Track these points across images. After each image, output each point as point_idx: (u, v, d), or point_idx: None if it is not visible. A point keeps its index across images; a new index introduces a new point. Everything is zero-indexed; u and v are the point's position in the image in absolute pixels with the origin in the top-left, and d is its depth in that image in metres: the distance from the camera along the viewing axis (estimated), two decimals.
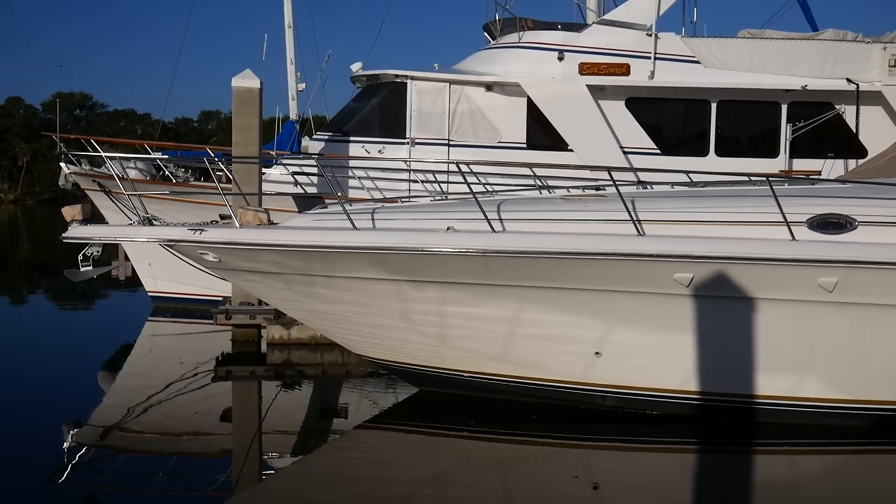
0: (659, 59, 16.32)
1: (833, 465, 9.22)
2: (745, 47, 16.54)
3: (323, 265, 9.71)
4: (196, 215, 14.46)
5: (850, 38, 17.02)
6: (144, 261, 17.50)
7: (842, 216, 9.04)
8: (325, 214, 10.43)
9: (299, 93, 22.13)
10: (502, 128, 16.67)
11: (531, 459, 9.14)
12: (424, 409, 10.84)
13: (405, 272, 9.55)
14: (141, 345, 15.17)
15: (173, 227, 9.97)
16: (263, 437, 9.95)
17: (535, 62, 16.50)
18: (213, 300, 15.29)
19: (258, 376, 12.82)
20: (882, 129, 16.27)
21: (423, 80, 16.73)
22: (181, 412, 10.61)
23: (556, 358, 9.87)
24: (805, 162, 16.73)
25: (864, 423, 9.48)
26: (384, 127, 16.80)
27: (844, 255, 8.75)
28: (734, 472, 8.98)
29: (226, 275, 11.05)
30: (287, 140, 20.13)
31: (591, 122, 16.38)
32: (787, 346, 9.25)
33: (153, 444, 9.44)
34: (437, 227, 9.48)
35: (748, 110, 16.94)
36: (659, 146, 16.63)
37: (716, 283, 8.96)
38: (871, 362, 9.22)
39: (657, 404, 9.87)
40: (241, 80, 14.71)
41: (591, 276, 9.14)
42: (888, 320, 9.01)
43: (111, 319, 18.51)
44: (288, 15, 21.49)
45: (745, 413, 9.64)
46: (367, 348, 10.94)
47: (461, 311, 9.80)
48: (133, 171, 16.61)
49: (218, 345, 14.17)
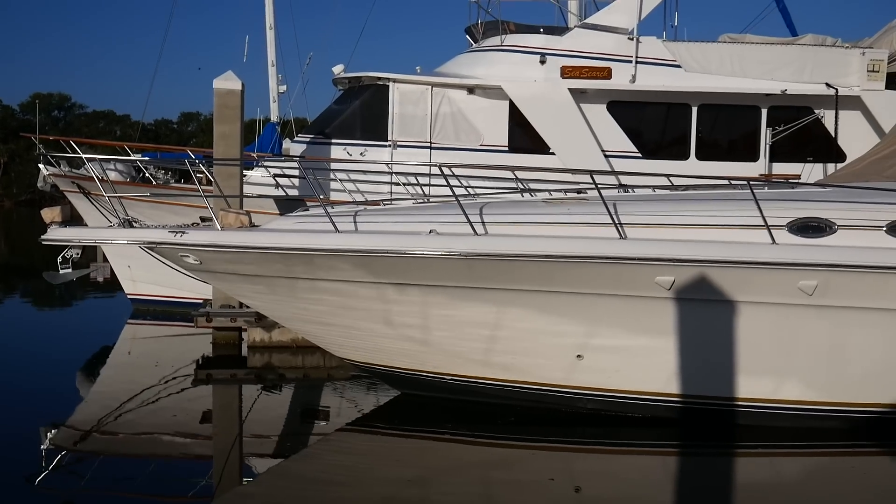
0: (640, 62, 16.39)
1: (812, 467, 9.28)
2: (725, 52, 16.64)
3: (304, 268, 9.68)
4: (177, 217, 14.40)
5: (829, 43, 17.16)
6: (124, 263, 17.38)
7: (821, 220, 9.10)
8: (306, 217, 10.39)
9: (280, 95, 22.14)
10: (484, 131, 16.68)
11: (513, 462, 9.14)
12: (406, 413, 10.82)
13: (387, 275, 9.53)
14: (120, 347, 15.07)
15: (154, 230, 9.91)
16: (244, 440, 9.90)
17: (517, 65, 16.52)
18: (194, 303, 15.20)
19: (239, 379, 12.76)
20: (860, 134, 16.40)
21: (405, 82, 16.72)
22: (161, 415, 10.54)
23: (539, 361, 9.88)
24: (785, 166, 16.86)
25: (843, 426, 9.54)
26: (366, 129, 16.78)
27: (824, 259, 8.81)
28: (715, 474, 9.02)
29: (207, 277, 11.00)
30: (268, 142, 20.08)
31: (573, 125, 16.42)
32: (767, 349, 9.31)
33: (132, 448, 9.37)
34: (419, 230, 9.47)
35: (729, 114, 17.04)
36: (640, 150, 16.69)
37: (697, 286, 9.00)
38: (850, 365, 9.29)
39: (639, 407, 9.90)
40: (222, 82, 14.64)
41: (574, 279, 9.16)
42: (867, 323, 9.07)
43: (90, 322, 18.37)
44: (269, 17, 21.49)
45: (725, 415, 9.69)
46: (349, 351, 10.91)
47: (443, 314, 9.79)
48: (113, 172, 16.49)
49: (198, 348, 14.08)
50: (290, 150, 17.66)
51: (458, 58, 17.69)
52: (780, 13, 20.60)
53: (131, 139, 46.99)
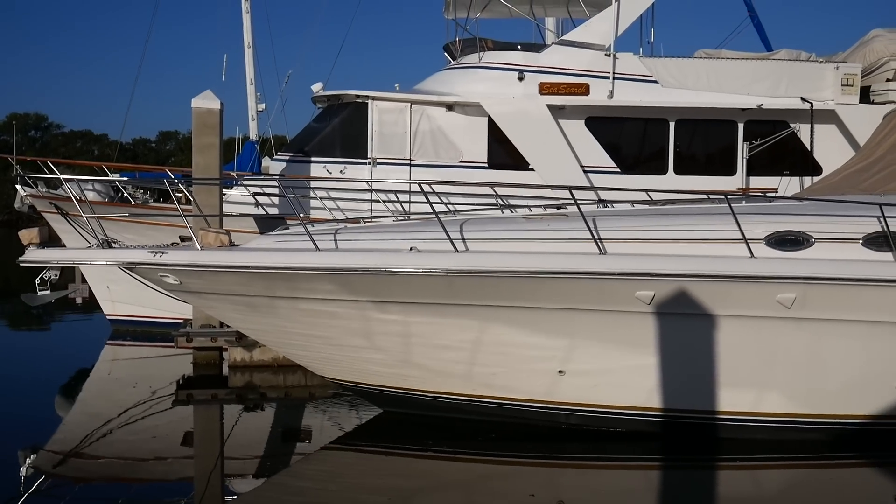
0: (618, 78, 16.51)
1: (793, 479, 9.32)
2: (701, 67, 16.78)
3: (285, 287, 9.66)
4: (156, 237, 14.34)
5: (803, 57, 17.35)
6: (103, 284, 17.27)
7: (799, 233, 9.18)
8: (286, 235, 10.38)
9: (259, 113, 22.08)
10: (464, 147, 16.73)
11: (495, 479, 9.14)
12: (388, 430, 10.79)
13: (368, 293, 9.53)
14: (99, 369, 14.95)
15: (133, 250, 9.87)
16: (225, 461, 9.84)
17: (496, 82, 16.60)
18: (174, 323, 15.12)
19: (220, 399, 12.69)
20: (836, 147, 16.55)
21: (384, 100, 16.75)
22: (141, 437, 10.46)
23: (520, 377, 9.89)
24: (762, 180, 16.98)
25: (822, 437, 9.61)
26: (346, 147, 16.78)
27: (802, 272, 8.88)
28: (697, 487, 9.06)
29: (187, 297, 10.95)
30: (247, 160, 20.02)
31: (552, 141, 16.50)
32: (747, 362, 9.36)
33: (113, 471, 9.30)
34: (400, 248, 9.48)
35: (706, 129, 17.16)
36: (618, 165, 16.78)
37: (677, 300, 9.05)
38: (829, 377, 9.35)
39: (620, 422, 9.92)
40: (201, 101, 14.63)
41: (554, 294, 9.19)
42: (845, 335, 9.14)
43: (69, 343, 18.21)
44: (247, 35, 21.47)
45: (707, 429, 9.72)
46: (331, 369, 10.88)
47: (424, 331, 9.79)
48: (91, 192, 16.40)
49: (178, 368, 14.00)
50: (269, 169, 17.63)
51: (436, 75, 17.75)
52: (755, 29, 20.81)
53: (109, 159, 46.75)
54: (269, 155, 20.07)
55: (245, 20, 21.37)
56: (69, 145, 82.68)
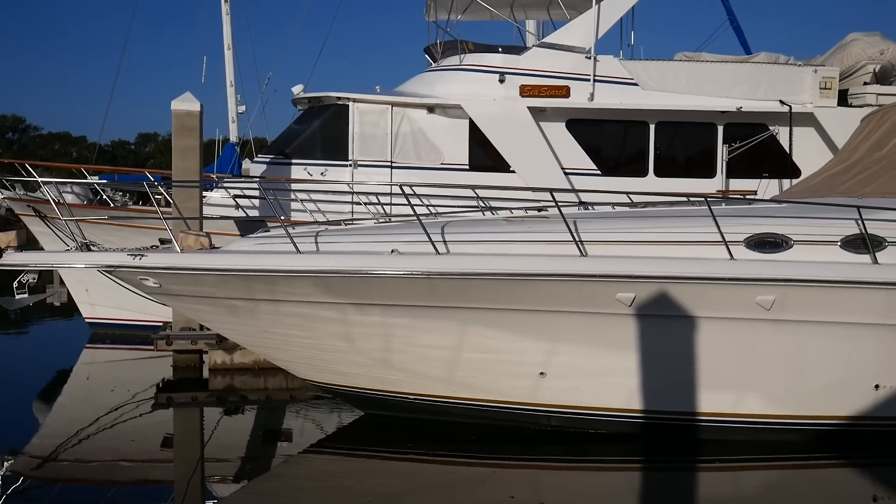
0: (598, 81, 16.56)
1: (773, 480, 9.37)
2: (681, 70, 16.87)
3: (266, 289, 9.62)
4: (135, 240, 14.24)
5: (782, 61, 17.49)
6: (81, 287, 17.14)
7: (778, 235, 9.24)
8: (267, 238, 10.35)
9: (240, 115, 21.98)
10: (445, 149, 16.74)
11: (477, 481, 9.13)
12: (369, 433, 10.78)
13: (349, 295, 9.51)
14: (78, 372, 14.85)
15: (112, 253, 9.80)
16: (206, 464, 9.79)
17: (477, 84, 16.62)
18: (154, 326, 15.03)
19: (200, 402, 12.63)
20: (814, 150, 16.68)
21: (365, 102, 16.74)
22: (120, 440, 10.40)
23: (502, 379, 9.90)
24: (741, 182, 17.08)
25: (802, 438, 9.67)
26: (326, 149, 16.75)
27: (781, 274, 8.94)
28: (677, 488, 9.09)
29: (167, 300, 10.90)
30: (227, 163, 19.96)
31: (533, 143, 16.53)
32: (727, 364, 9.40)
33: (92, 474, 9.24)
34: (381, 250, 9.47)
35: (685, 131, 17.25)
36: (599, 167, 16.84)
37: (657, 302, 9.09)
38: (808, 378, 9.42)
39: (601, 423, 9.94)
40: (180, 104, 14.56)
41: (535, 296, 9.20)
42: (824, 337, 9.21)
43: (47, 347, 18.05)
44: (227, 37, 21.37)
45: (687, 430, 9.76)
46: (312, 372, 10.85)
47: (406, 334, 9.78)
48: (69, 195, 16.30)
49: (158, 371, 13.92)
50: (250, 171, 17.58)
51: (417, 77, 17.76)
52: (735, 32, 20.96)
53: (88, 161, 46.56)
54: (250, 157, 19.99)
55: (225, 22, 21.27)
56: (47, 147, 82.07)
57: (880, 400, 9.42)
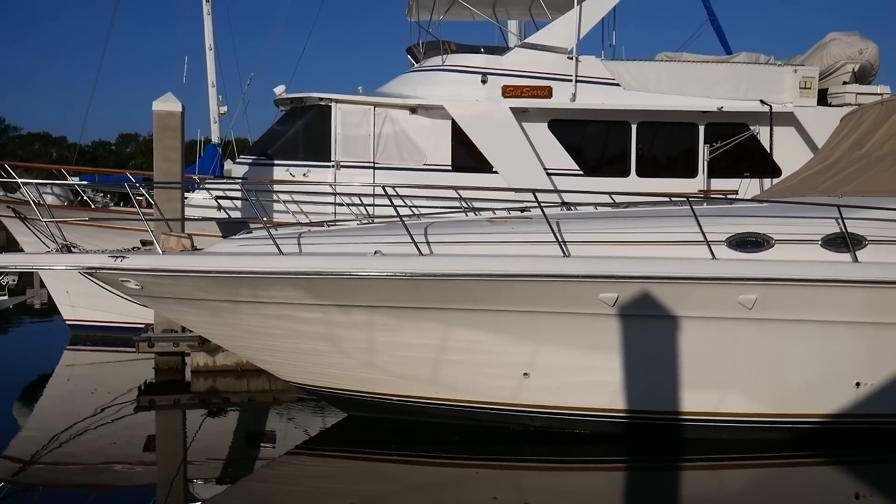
0: (580, 81, 16.61)
1: (756, 478, 9.41)
2: (662, 70, 16.94)
3: (248, 291, 9.59)
4: (117, 242, 14.16)
5: (762, 60, 17.59)
6: (62, 288, 17.04)
7: (759, 235, 9.29)
8: (249, 239, 10.30)
9: (221, 115, 21.91)
10: (427, 150, 16.74)
11: (461, 482, 9.13)
12: (353, 435, 10.75)
13: (332, 296, 9.49)
14: (59, 374, 14.75)
15: (93, 255, 9.73)
16: (189, 466, 9.74)
17: (459, 85, 16.63)
18: (135, 328, 14.95)
19: (182, 405, 12.56)
20: (795, 150, 16.79)
21: (347, 102, 16.72)
22: (102, 443, 10.33)
23: (486, 380, 9.90)
24: (723, 182, 17.17)
25: (784, 437, 9.72)
26: (309, 150, 16.73)
27: (762, 273, 8.99)
28: (661, 488, 9.12)
29: (148, 302, 10.83)
30: (209, 164, 19.87)
31: (515, 143, 16.56)
32: (709, 363, 9.44)
33: (74, 478, 9.16)
34: (364, 251, 9.45)
35: (667, 131, 17.32)
36: (581, 167, 16.89)
37: (640, 302, 9.11)
38: (790, 377, 9.47)
39: (585, 423, 9.96)
40: (162, 104, 14.48)
41: (519, 297, 9.21)
42: (805, 335, 9.26)
43: (27, 349, 17.91)
44: (209, 37, 21.29)
45: (670, 429, 9.80)
46: (295, 374, 10.82)
47: (389, 335, 9.77)
48: (50, 196, 16.20)
49: (140, 373, 13.85)
50: (231, 172, 17.52)
51: (400, 78, 17.75)
52: (715, 32, 21.07)
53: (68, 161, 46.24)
54: (232, 158, 19.92)
55: (206, 22, 21.19)
56: (27, 148, 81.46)
57: (861, 397, 9.49)
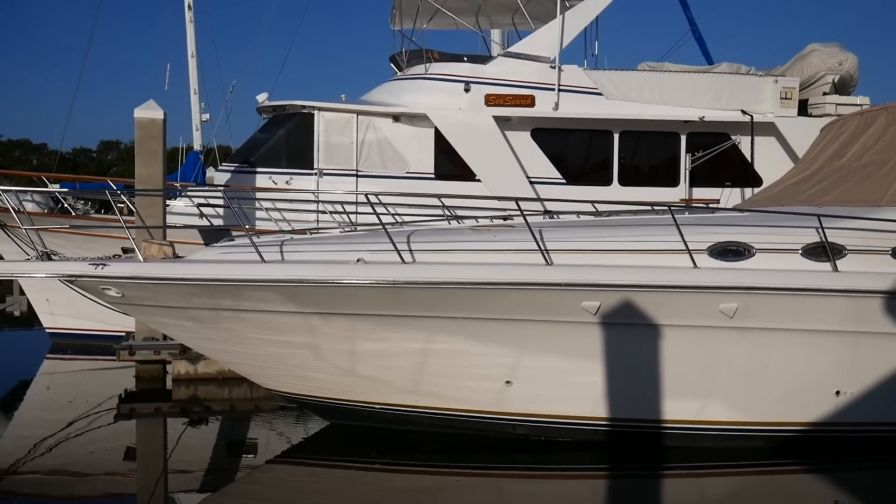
0: (563, 90, 16.67)
1: (737, 486, 9.45)
2: (645, 80, 17.02)
3: (230, 299, 9.55)
4: (97, 249, 14.09)
5: (743, 71, 17.72)
6: (42, 296, 16.93)
7: (740, 244, 9.34)
8: (231, 247, 10.28)
9: (204, 123, 21.90)
10: (410, 158, 16.75)
11: (442, 490, 9.13)
12: (335, 443, 10.72)
13: (315, 304, 9.47)
14: (38, 383, 14.64)
15: (73, 262, 9.68)
16: (169, 476, 9.68)
17: (442, 93, 16.66)
18: (116, 336, 14.87)
19: (163, 413, 12.49)
20: (775, 159, 16.90)
21: (330, 110, 16.71)
22: (82, 452, 10.25)
23: (468, 388, 9.89)
24: (704, 191, 17.27)
25: (765, 445, 9.76)
26: (291, 158, 16.70)
27: (743, 282, 9.03)
28: (643, 496, 9.14)
29: (129, 310, 10.78)
30: (191, 171, 19.83)
31: (498, 152, 16.60)
32: (691, 371, 9.48)
33: (52, 488, 9.09)
34: (346, 259, 9.44)
35: (649, 141, 17.40)
36: (564, 176, 16.93)
37: (622, 310, 9.14)
38: (771, 385, 9.51)
39: (567, 431, 9.97)
40: (143, 112, 14.43)
41: (501, 305, 9.22)
42: (785, 344, 9.31)
43: (6, 357, 17.77)
44: (191, 44, 21.30)
45: (652, 438, 9.82)
46: (277, 382, 10.78)
47: (372, 343, 9.75)
48: (30, 203, 16.09)
49: (121, 382, 13.75)
50: (214, 179, 17.45)
51: (383, 86, 17.75)
52: (697, 42, 21.18)
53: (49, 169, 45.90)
54: (214, 165, 19.85)
55: (189, 30, 21.20)
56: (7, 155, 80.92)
57: (841, 406, 9.54)
